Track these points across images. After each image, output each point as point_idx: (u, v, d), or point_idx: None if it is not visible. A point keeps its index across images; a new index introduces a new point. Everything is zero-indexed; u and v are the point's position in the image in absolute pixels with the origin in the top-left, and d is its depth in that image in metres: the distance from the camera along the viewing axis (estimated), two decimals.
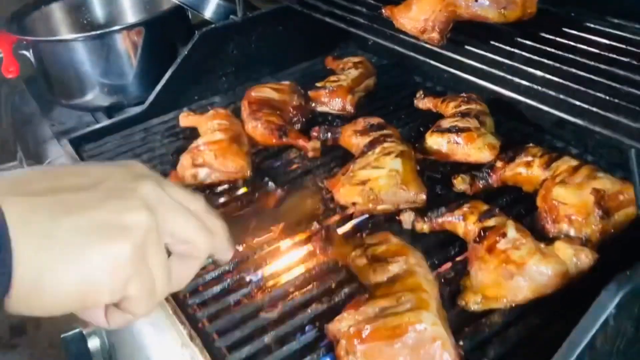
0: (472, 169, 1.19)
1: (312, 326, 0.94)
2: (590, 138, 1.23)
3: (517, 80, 0.91)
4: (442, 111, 1.38)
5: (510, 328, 0.88)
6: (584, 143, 1.25)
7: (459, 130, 1.22)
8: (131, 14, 1.98)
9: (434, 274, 0.96)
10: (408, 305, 0.84)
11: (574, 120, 0.80)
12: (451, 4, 1.00)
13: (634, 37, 0.94)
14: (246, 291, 1.01)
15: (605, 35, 0.97)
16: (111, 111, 1.75)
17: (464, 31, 1.04)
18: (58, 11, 1.90)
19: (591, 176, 1.03)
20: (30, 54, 1.69)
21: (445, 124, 1.26)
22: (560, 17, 1.06)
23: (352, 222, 1.14)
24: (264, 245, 1.10)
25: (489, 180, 1.16)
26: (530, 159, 1.13)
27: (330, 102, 1.48)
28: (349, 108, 1.46)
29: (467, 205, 1.05)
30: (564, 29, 1.01)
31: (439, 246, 1.06)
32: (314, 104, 1.50)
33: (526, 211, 1.10)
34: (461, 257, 1.03)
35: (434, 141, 1.24)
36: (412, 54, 1.05)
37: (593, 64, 0.90)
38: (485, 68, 0.96)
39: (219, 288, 1.02)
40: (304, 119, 1.46)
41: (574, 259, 0.91)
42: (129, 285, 0.57)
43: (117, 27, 1.67)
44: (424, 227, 1.07)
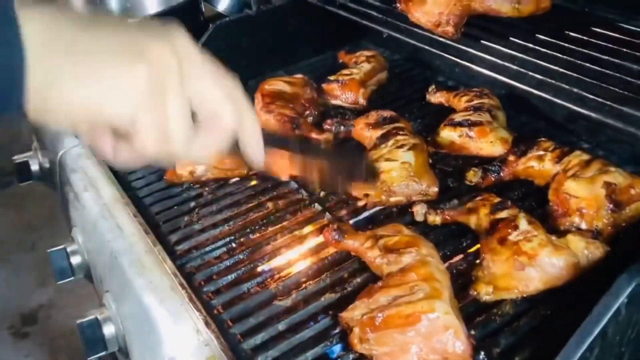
0: (484, 162, 1.20)
1: (325, 314, 0.95)
2: (602, 133, 1.23)
3: (532, 74, 0.92)
4: (454, 105, 1.39)
5: (522, 318, 0.89)
6: (595, 138, 1.26)
7: (471, 124, 1.23)
8: (146, 7, 1.99)
9: (445, 264, 0.97)
10: (421, 294, 0.85)
11: (587, 113, 0.81)
12: None
13: None
14: (260, 280, 1.03)
15: (619, 29, 0.98)
16: None
17: (478, 26, 1.05)
18: (74, 3, 1.90)
19: (603, 170, 1.04)
20: None
21: (458, 117, 1.27)
22: (574, 12, 1.06)
23: (364, 214, 1.16)
24: (276, 235, 1.12)
25: (501, 174, 1.16)
26: (542, 152, 1.14)
27: (343, 95, 1.49)
28: (362, 101, 1.47)
29: (480, 198, 1.06)
30: (578, 24, 1.02)
31: (450, 238, 1.07)
32: (326, 97, 1.51)
33: (538, 204, 1.11)
34: (473, 248, 1.04)
35: (447, 134, 1.25)
36: (427, 47, 1.06)
37: (606, 58, 0.91)
38: (499, 62, 0.97)
39: (233, 276, 1.04)
40: (316, 112, 1.46)
41: (585, 251, 0.92)
42: (140, 114, 0.57)
43: (131, 20, 1.68)
44: (436, 219, 1.08)
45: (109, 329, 1.10)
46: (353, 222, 1.13)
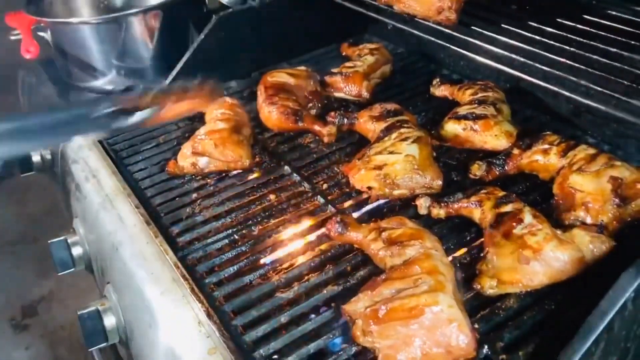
0: (488, 156, 1.19)
1: (328, 307, 0.94)
2: (608, 127, 1.22)
3: (538, 66, 0.91)
4: (459, 98, 1.38)
5: (526, 312, 0.89)
6: (600, 132, 1.25)
7: (476, 117, 1.22)
8: None
9: (449, 258, 0.96)
10: (425, 287, 0.84)
11: (595, 105, 0.80)
12: None
13: None
14: (262, 272, 1.02)
15: (626, 22, 0.97)
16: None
17: (484, 18, 1.04)
18: None
19: (608, 164, 1.03)
20: (48, 36, 1.69)
21: (462, 110, 1.26)
22: (581, 3, 1.05)
23: (367, 207, 1.15)
24: (279, 227, 1.11)
25: (506, 167, 1.16)
26: (547, 146, 1.13)
27: (346, 87, 1.48)
28: (365, 94, 1.46)
29: (484, 191, 1.05)
30: (585, 16, 1.01)
31: (454, 231, 1.07)
32: (329, 90, 1.50)
33: (542, 198, 1.10)
34: (477, 242, 1.03)
35: (451, 127, 1.24)
36: (433, 39, 1.05)
37: (614, 50, 0.90)
38: (505, 53, 0.96)
39: (235, 268, 1.03)
40: (319, 105, 1.46)
41: (591, 245, 0.91)
42: None
43: (134, 10, 1.68)
44: (440, 212, 1.08)
45: (109, 320, 1.10)
46: (356, 215, 1.12)
